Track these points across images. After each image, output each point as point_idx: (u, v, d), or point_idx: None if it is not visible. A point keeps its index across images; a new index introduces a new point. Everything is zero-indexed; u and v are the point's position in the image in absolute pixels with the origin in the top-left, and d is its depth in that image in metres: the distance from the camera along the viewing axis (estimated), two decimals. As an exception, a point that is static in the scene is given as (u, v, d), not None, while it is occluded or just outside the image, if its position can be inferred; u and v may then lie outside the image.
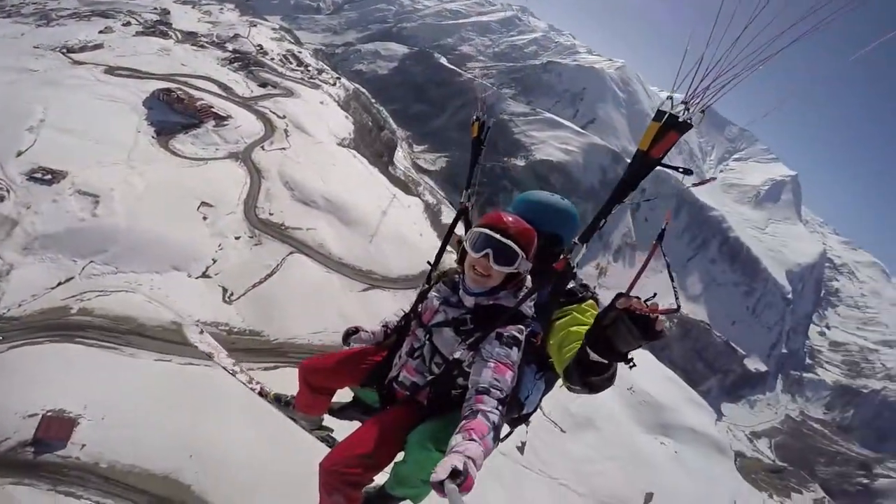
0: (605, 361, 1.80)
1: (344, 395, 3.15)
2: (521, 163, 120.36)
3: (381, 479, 2.61)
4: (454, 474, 1.60)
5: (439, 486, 1.58)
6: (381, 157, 75.98)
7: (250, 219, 33.64)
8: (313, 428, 3.44)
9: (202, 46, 64.93)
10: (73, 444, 18.16)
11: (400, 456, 2.36)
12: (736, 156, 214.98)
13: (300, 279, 30.58)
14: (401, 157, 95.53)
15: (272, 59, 70.41)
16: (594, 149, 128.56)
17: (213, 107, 45.55)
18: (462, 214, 3.11)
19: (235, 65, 62.14)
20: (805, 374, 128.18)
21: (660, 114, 1.79)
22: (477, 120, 3.04)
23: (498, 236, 2.28)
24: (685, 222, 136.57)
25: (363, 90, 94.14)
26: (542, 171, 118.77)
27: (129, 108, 41.36)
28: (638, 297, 1.68)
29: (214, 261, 29.41)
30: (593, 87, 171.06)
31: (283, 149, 43.73)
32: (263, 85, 58.82)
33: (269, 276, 30.00)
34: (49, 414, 18.65)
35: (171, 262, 27.78)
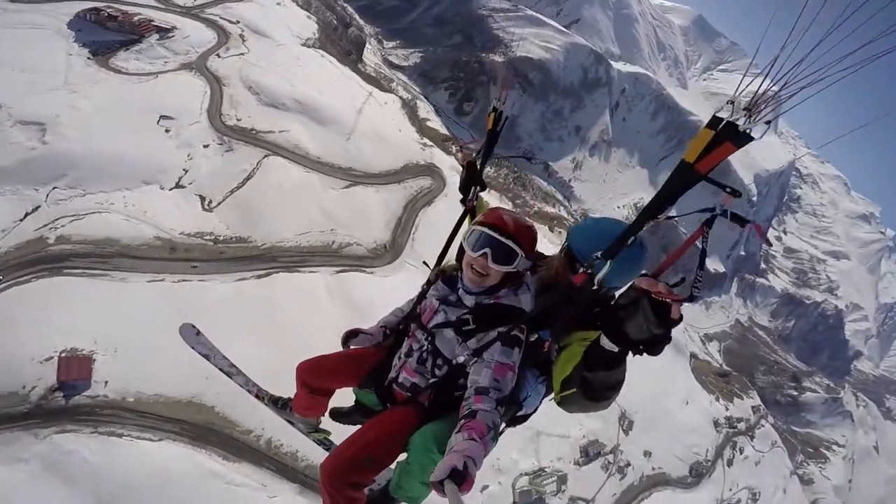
0: (617, 349, 1.67)
1: (343, 399, 3.15)
2: (499, 59, 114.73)
3: (385, 478, 2.68)
4: (454, 474, 1.61)
5: (439, 486, 1.59)
6: (349, 54, 72.14)
7: (217, 126, 32.38)
8: (310, 431, 3.35)
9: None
10: (97, 383, 18.45)
11: (402, 457, 2.34)
12: (721, 66, 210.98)
13: (279, 181, 30.09)
14: (370, 55, 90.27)
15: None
16: (576, 49, 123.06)
17: (152, 20, 41.82)
18: (468, 214, 2.97)
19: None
20: (758, 279, 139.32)
21: (715, 120, 1.50)
22: (494, 111, 2.89)
23: (497, 235, 2.22)
24: (662, 124, 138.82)
25: None
26: (521, 68, 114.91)
27: (52, 32, 37.09)
28: (665, 282, 1.54)
29: (185, 171, 28.55)
30: None
31: (242, 54, 41.31)
32: (206, -9, 51.85)
33: (247, 179, 29.45)
34: (64, 355, 18.58)
35: (140, 177, 26.76)
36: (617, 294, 1.86)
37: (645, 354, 1.63)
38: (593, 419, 34.70)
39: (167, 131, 30.15)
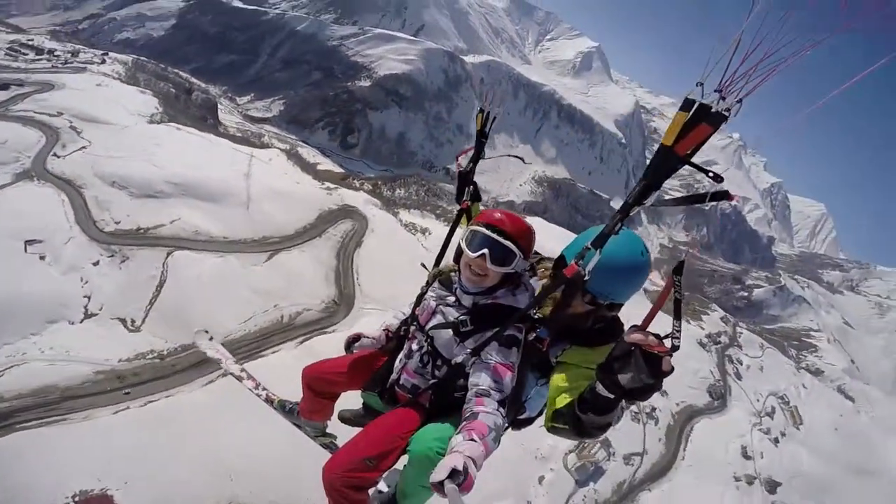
0: (612, 396, 1.70)
1: (352, 403, 3.15)
2: (366, 83, 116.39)
3: (393, 481, 2.70)
4: (454, 474, 1.62)
5: (439, 486, 1.60)
6: (204, 120, 68.62)
7: (96, 237, 28.51)
8: (317, 434, 3.43)
9: None
10: (130, 515, 17.08)
11: (404, 459, 2.31)
12: (549, 37, 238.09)
13: (196, 275, 27.83)
14: (227, 115, 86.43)
15: (-6, 57, 54.00)
16: (431, 53, 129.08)
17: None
18: (463, 213, 3.01)
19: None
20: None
21: (688, 103, 1.52)
22: (482, 112, 2.92)
23: (495, 236, 2.22)
24: (525, 101, 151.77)
25: (144, 59, 77.55)
26: (390, 86, 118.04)
27: None
28: (656, 335, 1.63)
29: (88, 297, 24.86)
30: None
31: (84, 148, 36.04)
32: (4, 87, 45.05)
33: (160, 286, 26.73)
34: (80, 500, 17.13)
35: (41, 317, 22.96)
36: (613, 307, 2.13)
37: (636, 401, 1.71)
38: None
39: (42, 258, 25.67)
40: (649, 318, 1.81)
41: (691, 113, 1.50)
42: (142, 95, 51.90)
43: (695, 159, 1.60)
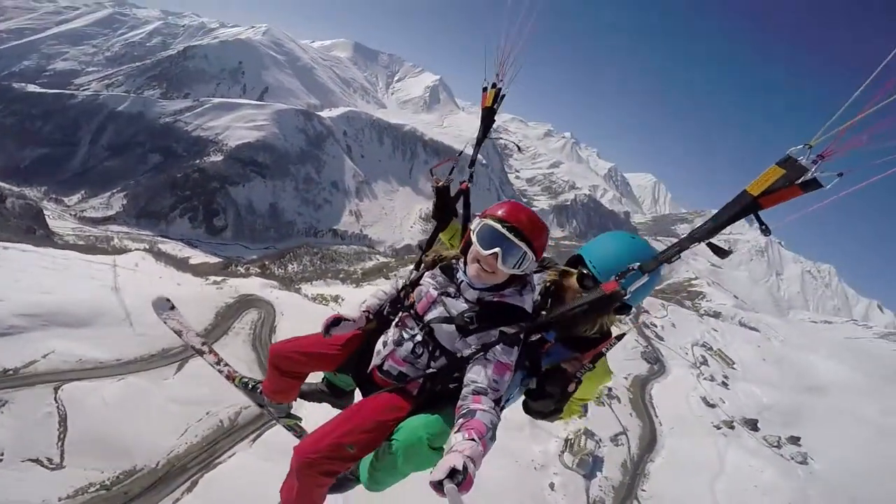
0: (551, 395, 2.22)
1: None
2: (217, 157, 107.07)
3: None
4: (453, 474, 1.57)
5: (438, 486, 1.55)
6: (32, 232, 58.09)
7: None
8: (281, 416, 3.22)
9: None
10: None
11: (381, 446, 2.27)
12: (396, 77, 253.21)
13: (101, 400, 25.91)
14: (58, 220, 74.01)
15: None
16: (283, 115, 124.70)
17: None
18: (461, 195, 2.91)
19: None
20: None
21: (789, 162, 1.50)
22: (494, 86, 2.76)
23: (511, 236, 2.10)
24: (391, 144, 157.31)
25: None
26: (246, 156, 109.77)
27: None
28: (583, 364, 2.19)
29: (-18, 447, 21.70)
30: (249, 58, 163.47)
31: None
32: None
33: (63, 420, 24.48)
34: None
35: None
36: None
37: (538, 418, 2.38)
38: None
39: None
40: (589, 355, 2.21)
41: (787, 172, 1.51)
42: (-65, 214, 42.59)
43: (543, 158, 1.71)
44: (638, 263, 1.94)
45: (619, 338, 2.28)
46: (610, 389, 39.54)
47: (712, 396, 43.64)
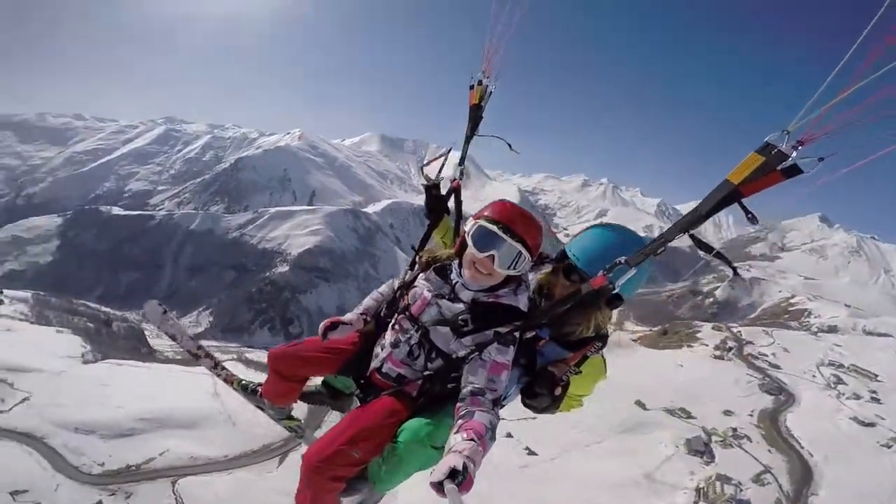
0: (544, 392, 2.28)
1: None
2: (284, 268, 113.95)
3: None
4: (453, 474, 1.58)
5: (438, 487, 1.57)
6: (138, 350, 63.35)
7: (84, 480, 28.66)
8: (281, 418, 3.23)
9: None
10: None
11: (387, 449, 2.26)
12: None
13: (214, 495, 28.05)
14: (157, 338, 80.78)
15: None
16: (333, 217, 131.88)
17: None
18: (453, 193, 2.99)
19: None
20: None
21: (768, 148, 1.51)
22: (480, 84, 2.83)
23: (507, 238, 2.09)
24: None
25: (43, 294, 71.23)
26: (308, 263, 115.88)
27: None
28: (569, 367, 2.27)
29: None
30: (292, 165, 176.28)
31: (25, 399, 34.24)
32: None
33: None
34: None
35: None
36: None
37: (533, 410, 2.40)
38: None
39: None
40: (571, 359, 2.31)
41: (769, 157, 1.49)
42: (60, 335, 48.98)
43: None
44: (624, 258, 1.98)
45: (603, 341, 2.33)
46: (735, 430, 35.84)
47: (864, 414, 38.14)
